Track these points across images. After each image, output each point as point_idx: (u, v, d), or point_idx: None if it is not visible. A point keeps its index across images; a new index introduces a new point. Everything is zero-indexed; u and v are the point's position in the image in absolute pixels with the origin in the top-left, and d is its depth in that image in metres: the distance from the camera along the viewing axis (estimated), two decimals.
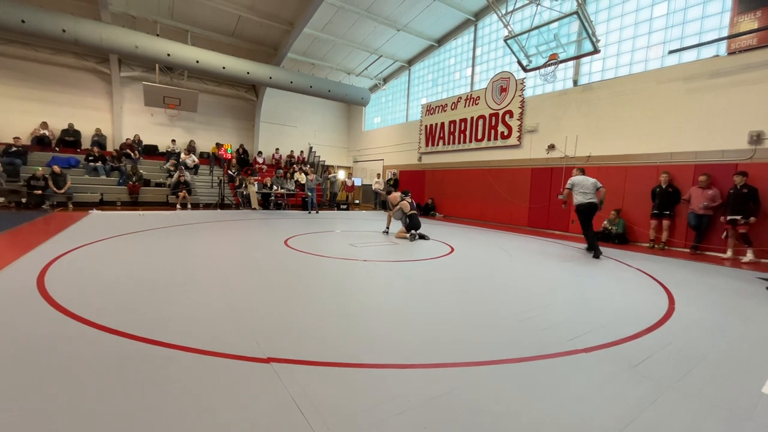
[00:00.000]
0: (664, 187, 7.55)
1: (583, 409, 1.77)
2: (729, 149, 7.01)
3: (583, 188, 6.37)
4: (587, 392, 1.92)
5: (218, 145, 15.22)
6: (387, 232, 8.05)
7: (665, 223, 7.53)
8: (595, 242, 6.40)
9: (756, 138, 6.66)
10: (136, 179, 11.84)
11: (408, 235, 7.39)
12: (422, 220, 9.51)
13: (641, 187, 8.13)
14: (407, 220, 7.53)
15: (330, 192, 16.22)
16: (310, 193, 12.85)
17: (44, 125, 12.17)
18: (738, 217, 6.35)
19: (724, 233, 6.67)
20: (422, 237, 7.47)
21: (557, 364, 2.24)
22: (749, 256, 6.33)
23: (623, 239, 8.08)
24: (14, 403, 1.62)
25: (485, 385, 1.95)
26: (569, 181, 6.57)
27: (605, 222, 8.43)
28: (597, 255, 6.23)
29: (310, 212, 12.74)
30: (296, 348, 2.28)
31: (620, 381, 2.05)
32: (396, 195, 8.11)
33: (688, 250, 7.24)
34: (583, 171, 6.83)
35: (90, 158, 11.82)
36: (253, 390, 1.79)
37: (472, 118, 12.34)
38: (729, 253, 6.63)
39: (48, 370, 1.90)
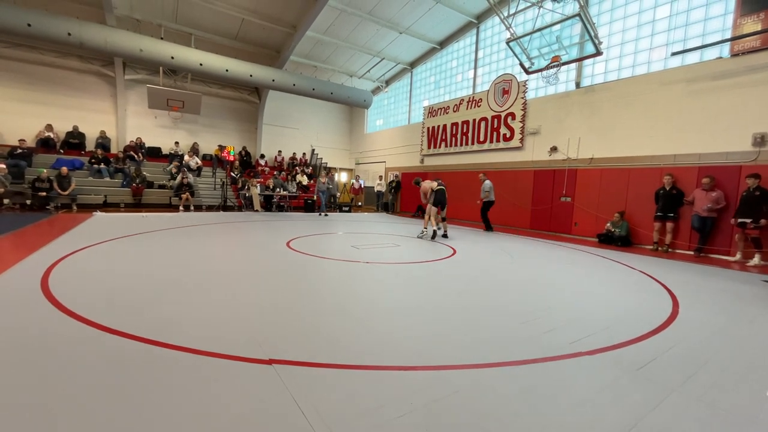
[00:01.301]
0: (667, 189, 7.51)
1: (587, 412, 1.76)
2: (733, 151, 6.97)
3: (491, 190, 9.53)
4: (590, 395, 1.91)
5: (221, 147, 15.29)
6: (435, 232, 7.77)
7: (669, 225, 7.48)
8: (488, 222, 9.83)
9: (760, 140, 6.62)
10: (139, 181, 11.91)
11: (439, 218, 7.88)
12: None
13: (644, 189, 8.09)
14: (433, 196, 7.69)
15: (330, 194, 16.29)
16: (322, 195, 12.93)
17: (49, 128, 12.26)
18: (748, 220, 6.20)
19: (737, 236, 6.49)
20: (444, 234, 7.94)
21: (560, 366, 2.23)
22: (756, 259, 6.25)
23: (626, 241, 8.04)
24: (17, 402, 1.63)
25: (487, 387, 1.94)
26: (487, 186, 9.49)
27: (608, 224, 8.39)
28: (490, 229, 9.75)
29: (320, 214, 12.77)
30: (298, 349, 2.28)
31: (623, 384, 2.03)
32: (425, 185, 8.07)
33: (692, 253, 7.20)
34: (486, 176, 9.79)
35: (94, 161, 11.89)
36: (254, 391, 1.79)
37: (474, 120, 12.34)
38: (738, 256, 6.47)
39: (51, 370, 1.90)
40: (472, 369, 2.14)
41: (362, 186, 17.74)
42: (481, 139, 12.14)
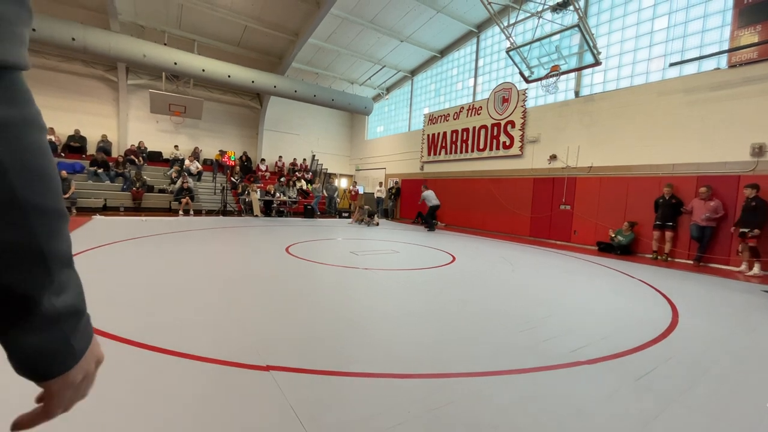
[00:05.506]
0: (667, 198, 7.53)
1: (586, 422, 1.75)
2: (731, 161, 7.01)
3: (432, 198, 11.16)
4: (590, 405, 1.90)
5: (222, 152, 15.34)
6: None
7: (668, 234, 7.49)
8: (428, 222, 11.24)
9: (758, 150, 6.66)
10: (139, 185, 11.92)
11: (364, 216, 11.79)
12: (423, 227, 11.50)
13: (643, 198, 8.11)
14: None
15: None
16: (315, 200, 13.50)
17: (50, 131, 12.27)
18: (746, 230, 6.30)
19: (740, 247, 6.54)
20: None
21: (559, 375, 2.21)
22: (756, 269, 6.27)
23: (626, 250, 8.03)
24: (12, 406, 1.61)
25: (486, 396, 1.93)
26: (428, 195, 11.14)
27: (611, 232, 8.39)
28: (431, 229, 11.08)
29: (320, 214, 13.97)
30: (296, 356, 2.26)
31: (623, 394, 2.02)
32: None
33: (691, 262, 7.20)
34: (427, 186, 11.64)
35: (95, 164, 11.90)
36: (251, 398, 1.78)
37: (474, 127, 12.41)
38: (743, 267, 6.46)
39: None
40: (471, 377, 2.12)
41: (358, 192, 17.78)
42: (481, 146, 12.20)
